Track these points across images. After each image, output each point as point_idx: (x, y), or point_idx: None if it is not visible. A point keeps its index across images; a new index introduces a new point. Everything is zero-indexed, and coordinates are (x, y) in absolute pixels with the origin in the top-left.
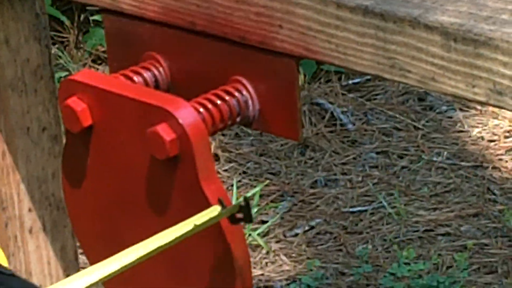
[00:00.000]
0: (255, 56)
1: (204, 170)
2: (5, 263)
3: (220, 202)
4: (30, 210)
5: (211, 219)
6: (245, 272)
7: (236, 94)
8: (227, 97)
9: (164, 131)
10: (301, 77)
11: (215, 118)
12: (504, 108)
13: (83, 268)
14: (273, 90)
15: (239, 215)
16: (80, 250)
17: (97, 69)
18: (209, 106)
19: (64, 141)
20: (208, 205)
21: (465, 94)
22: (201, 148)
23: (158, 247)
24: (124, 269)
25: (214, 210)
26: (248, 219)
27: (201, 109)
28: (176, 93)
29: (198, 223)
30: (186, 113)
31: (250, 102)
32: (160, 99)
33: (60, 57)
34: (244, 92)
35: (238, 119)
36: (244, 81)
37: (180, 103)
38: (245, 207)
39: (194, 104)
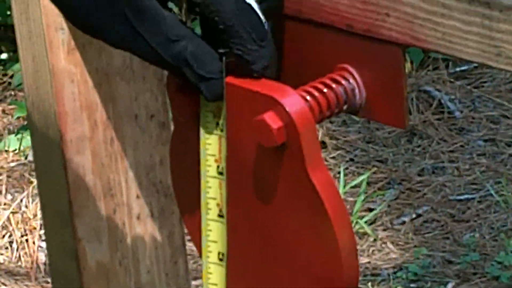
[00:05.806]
0: (361, 44)
1: (311, 158)
2: None
3: None
4: (137, 196)
5: None
6: (351, 260)
7: (343, 82)
8: (334, 85)
9: (271, 119)
10: (409, 64)
11: (322, 106)
12: None
13: (190, 254)
14: (379, 78)
15: None
16: (187, 237)
17: None
18: (316, 94)
19: (172, 127)
20: (315, 193)
21: None
22: (308, 136)
23: None
24: None
25: None
26: None
27: (308, 97)
28: (283, 82)
29: None
30: (293, 101)
31: (356, 90)
32: (267, 87)
33: None
34: (351, 80)
35: (345, 107)
36: (351, 69)
37: (287, 91)
38: None
39: (301, 92)
